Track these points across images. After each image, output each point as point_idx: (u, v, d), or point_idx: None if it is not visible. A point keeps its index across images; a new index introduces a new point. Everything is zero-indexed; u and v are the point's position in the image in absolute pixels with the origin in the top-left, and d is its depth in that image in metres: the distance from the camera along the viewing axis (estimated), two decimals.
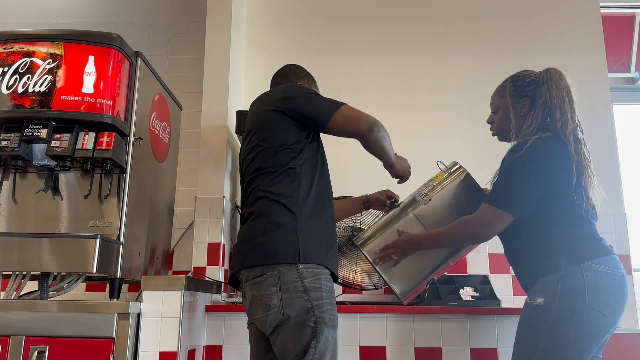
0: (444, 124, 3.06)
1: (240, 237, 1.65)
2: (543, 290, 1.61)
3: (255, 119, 1.75)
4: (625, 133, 3.33)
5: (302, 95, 1.70)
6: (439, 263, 1.90)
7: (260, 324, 1.52)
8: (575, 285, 1.54)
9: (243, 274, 1.58)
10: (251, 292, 1.53)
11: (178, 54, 3.30)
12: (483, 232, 1.69)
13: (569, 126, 1.64)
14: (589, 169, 1.66)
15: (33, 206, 2.12)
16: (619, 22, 3.54)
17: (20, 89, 1.99)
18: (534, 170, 1.62)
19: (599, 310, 1.51)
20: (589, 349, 1.52)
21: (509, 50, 3.19)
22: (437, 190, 1.92)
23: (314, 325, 1.47)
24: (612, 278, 1.55)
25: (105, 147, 2.00)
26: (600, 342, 1.55)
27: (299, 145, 1.65)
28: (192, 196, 2.66)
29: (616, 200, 2.97)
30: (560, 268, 1.58)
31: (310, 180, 1.64)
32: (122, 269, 2.05)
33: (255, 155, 1.69)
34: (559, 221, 1.63)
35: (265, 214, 1.58)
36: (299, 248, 1.51)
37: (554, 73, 1.72)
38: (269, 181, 1.62)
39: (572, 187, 1.61)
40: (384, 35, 3.26)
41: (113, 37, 2.09)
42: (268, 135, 1.67)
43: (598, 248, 1.60)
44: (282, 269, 1.49)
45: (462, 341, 2.11)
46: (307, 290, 1.48)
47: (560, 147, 1.65)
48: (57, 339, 1.78)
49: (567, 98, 1.67)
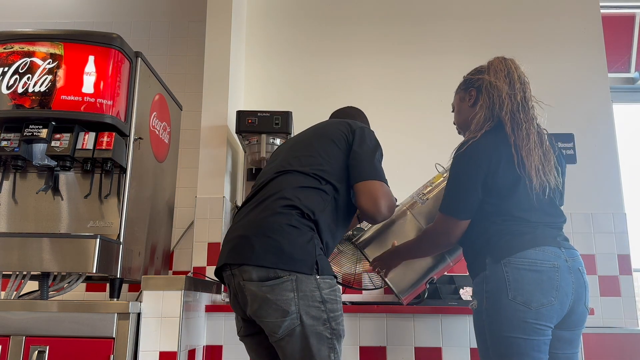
0: (444, 124, 3.05)
1: (251, 228, 1.54)
2: (475, 293, 1.62)
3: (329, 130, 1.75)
4: (625, 133, 3.33)
5: (373, 151, 1.71)
6: (438, 262, 1.90)
7: (270, 327, 1.47)
8: (497, 283, 1.53)
9: (246, 270, 1.50)
10: (261, 294, 1.46)
11: (178, 54, 3.30)
12: (444, 240, 1.69)
13: (505, 107, 1.62)
14: (540, 148, 1.61)
15: (33, 206, 2.12)
16: (619, 22, 3.54)
17: (20, 89, 1.99)
18: (470, 175, 1.61)
19: (524, 304, 1.48)
20: (530, 343, 1.49)
21: (509, 51, 3.13)
22: (434, 191, 1.93)
23: (330, 337, 1.47)
24: (536, 271, 1.51)
25: (105, 147, 2.00)
26: (541, 334, 1.50)
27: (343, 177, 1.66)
28: (192, 196, 2.66)
29: (616, 200, 2.98)
30: (486, 267, 1.58)
31: (340, 204, 1.66)
32: (122, 269, 2.05)
33: (310, 157, 1.66)
34: (484, 219, 1.62)
35: (286, 214, 1.53)
36: (317, 260, 1.50)
37: (495, 60, 1.73)
38: (302, 187, 1.59)
39: (510, 182, 1.58)
40: (383, 35, 3.26)
41: (113, 37, 2.09)
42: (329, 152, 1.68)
43: (523, 241, 1.55)
44: (299, 275, 1.46)
45: (461, 341, 2.11)
46: (324, 301, 1.48)
47: (496, 135, 1.62)
48: (57, 339, 1.78)
49: (506, 79, 1.65)
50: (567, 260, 1.55)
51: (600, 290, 2.85)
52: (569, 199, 1.73)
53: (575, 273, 1.55)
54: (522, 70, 1.70)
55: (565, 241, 1.62)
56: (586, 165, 2.96)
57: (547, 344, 1.52)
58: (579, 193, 2.95)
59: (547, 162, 1.61)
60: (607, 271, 2.88)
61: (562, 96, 3.11)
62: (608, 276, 2.87)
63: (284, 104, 2.93)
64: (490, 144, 1.61)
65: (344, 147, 1.68)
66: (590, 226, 2.94)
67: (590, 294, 1.62)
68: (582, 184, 2.95)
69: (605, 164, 3.02)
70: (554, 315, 1.51)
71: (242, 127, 2.59)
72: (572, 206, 2.93)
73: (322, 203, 1.58)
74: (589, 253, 2.90)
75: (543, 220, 1.61)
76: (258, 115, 2.59)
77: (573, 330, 1.59)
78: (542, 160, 1.60)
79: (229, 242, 1.57)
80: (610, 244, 2.92)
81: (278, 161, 1.71)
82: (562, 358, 1.60)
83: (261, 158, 2.56)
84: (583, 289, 1.57)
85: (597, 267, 2.88)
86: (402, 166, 2.00)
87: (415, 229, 1.89)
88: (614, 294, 2.84)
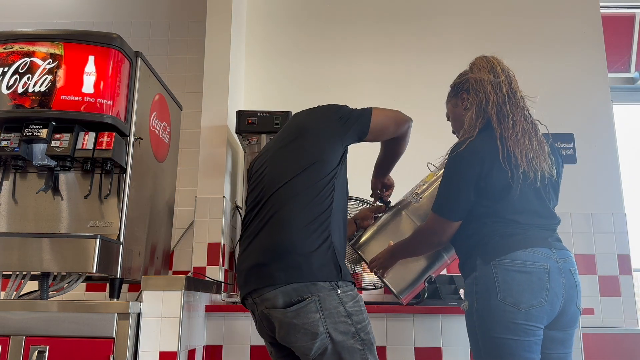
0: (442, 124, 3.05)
1: (265, 253, 1.51)
2: (466, 294, 1.63)
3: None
4: (625, 133, 3.33)
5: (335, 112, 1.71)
6: (435, 261, 1.91)
7: (302, 350, 1.47)
8: (487, 284, 1.53)
9: (268, 298, 1.48)
10: (287, 320, 1.45)
11: (178, 54, 3.30)
12: (436, 239, 1.70)
13: (491, 101, 1.62)
14: (532, 135, 1.59)
15: (33, 206, 2.12)
16: (619, 22, 3.54)
17: (20, 89, 1.99)
18: (463, 176, 1.60)
19: (513, 305, 1.48)
20: (520, 344, 1.49)
21: (509, 50, 3.16)
22: (428, 190, 1.93)
23: (361, 348, 1.48)
24: (525, 272, 1.50)
25: (105, 147, 2.00)
26: (532, 334, 1.49)
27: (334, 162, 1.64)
28: (192, 196, 2.66)
29: (616, 200, 2.98)
30: (476, 268, 1.58)
31: (340, 196, 1.63)
32: (122, 269, 2.05)
33: (300, 158, 1.62)
34: (476, 220, 1.62)
35: (297, 229, 1.51)
36: (339, 264, 1.51)
37: (477, 59, 1.73)
38: (304, 195, 1.56)
39: (503, 183, 1.57)
40: (384, 35, 3.26)
41: (113, 37, 2.08)
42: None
43: (513, 243, 1.55)
44: (321, 295, 1.46)
45: (461, 341, 2.11)
46: (350, 315, 1.48)
47: (490, 139, 1.60)
48: (57, 339, 1.78)
49: (490, 74, 1.65)
50: (557, 262, 1.54)
51: (600, 290, 2.85)
52: (569, 199, 1.74)
53: (566, 274, 1.55)
54: (506, 65, 1.70)
55: (557, 242, 1.61)
56: (586, 165, 2.96)
57: (538, 344, 1.52)
58: (579, 193, 2.95)
59: (541, 151, 1.60)
60: (607, 271, 2.88)
61: (562, 96, 3.11)
62: (608, 276, 2.87)
63: (284, 104, 2.93)
64: (485, 145, 1.60)
65: (329, 131, 1.65)
66: (590, 226, 2.94)
67: (588, 294, 1.62)
68: (582, 184, 2.95)
69: (605, 164, 3.02)
70: (544, 316, 1.51)
71: (242, 127, 2.59)
72: (572, 206, 2.93)
73: (327, 207, 1.56)
74: (589, 253, 2.90)
75: (535, 222, 1.60)
76: (258, 115, 2.59)
77: (565, 331, 1.59)
78: (534, 148, 1.59)
79: (245, 271, 1.56)
80: (610, 244, 2.92)
81: (270, 167, 1.65)
82: (555, 358, 1.60)
83: None
84: (574, 290, 1.56)
85: (597, 267, 2.88)
86: (403, 165, 2.00)
87: (411, 228, 1.89)
88: (614, 294, 2.84)
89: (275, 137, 1.77)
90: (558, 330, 1.58)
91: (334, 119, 1.67)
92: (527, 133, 1.60)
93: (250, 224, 1.62)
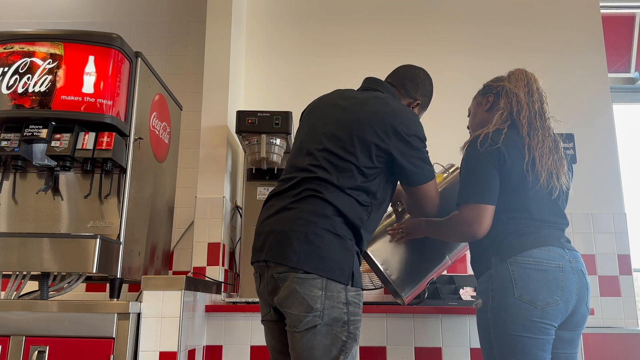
0: (444, 125, 3.06)
1: (291, 225, 1.50)
2: (480, 292, 1.63)
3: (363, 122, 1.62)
4: (625, 133, 3.33)
5: (415, 150, 1.63)
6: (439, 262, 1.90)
7: (292, 318, 1.49)
8: (503, 282, 1.54)
9: (283, 269, 1.49)
10: (291, 284, 1.47)
11: (178, 54, 3.30)
12: (471, 230, 1.63)
13: (523, 111, 1.66)
14: (555, 153, 1.64)
15: (33, 206, 2.12)
16: (619, 22, 3.54)
17: (20, 89, 1.99)
18: (487, 157, 1.62)
19: (530, 303, 1.49)
20: (535, 342, 1.50)
21: (509, 51, 3.19)
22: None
23: (345, 339, 1.48)
24: (541, 270, 1.52)
25: (105, 147, 2.00)
26: (546, 333, 1.51)
27: (381, 169, 1.61)
28: (192, 196, 2.66)
29: (616, 200, 2.98)
30: (491, 266, 1.59)
31: (380, 207, 1.63)
32: (122, 269, 2.05)
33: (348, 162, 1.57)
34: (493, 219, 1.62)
35: (330, 219, 1.50)
36: (354, 271, 1.51)
37: (516, 70, 1.76)
38: (345, 193, 1.54)
39: (517, 179, 1.60)
40: (384, 36, 3.26)
41: (113, 37, 2.09)
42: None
43: (529, 241, 1.57)
44: (330, 284, 1.47)
45: (461, 341, 2.11)
46: (348, 303, 1.49)
47: (510, 134, 1.64)
48: (57, 339, 1.78)
49: (525, 88, 1.69)
50: (570, 261, 1.56)
51: (600, 290, 2.85)
52: (569, 199, 1.75)
53: (579, 274, 1.57)
54: (541, 85, 1.74)
55: (567, 242, 1.63)
56: (586, 165, 2.96)
57: (550, 343, 1.53)
58: (579, 193, 2.93)
59: (562, 167, 1.65)
60: (607, 271, 2.88)
61: (562, 96, 3.10)
62: (608, 276, 2.87)
63: (284, 104, 2.93)
64: (507, 141, 1.63)
65: (384, 151, 1.59)
66: (590, 226, 2.94)
67: (590, 295, 1.63)
68: (582, 184, 2.95)
69: (605, 164, 3.02)
70: (558, 314, 1.52)
71: (242, 127, 2.59)
72: (572, 206, 2.90)
73: (365, 214, 1.57)
74: (589, 253, 2.90)
75: (547, 220, 1.63)
76: (258, 115, 2.59)
77: (574, 331, 1.61)
78: (556, 165, 1.63)
79: (267, 235, 1.55)
80: (610, 244, 2.92)
81: (313, 149, 1.60)
82: (562, 358, 1.61)
83: (261, 158, 2.56)
84: (585, 290, 1.58)
85: (597, 267, 2.88)
86: None
87: None
88: (614, 294, 2.84)
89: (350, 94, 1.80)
90: (567, 330, 1.59)
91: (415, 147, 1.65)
92: (552, 151, 1.64)
93: (295, 185, 1.57)
